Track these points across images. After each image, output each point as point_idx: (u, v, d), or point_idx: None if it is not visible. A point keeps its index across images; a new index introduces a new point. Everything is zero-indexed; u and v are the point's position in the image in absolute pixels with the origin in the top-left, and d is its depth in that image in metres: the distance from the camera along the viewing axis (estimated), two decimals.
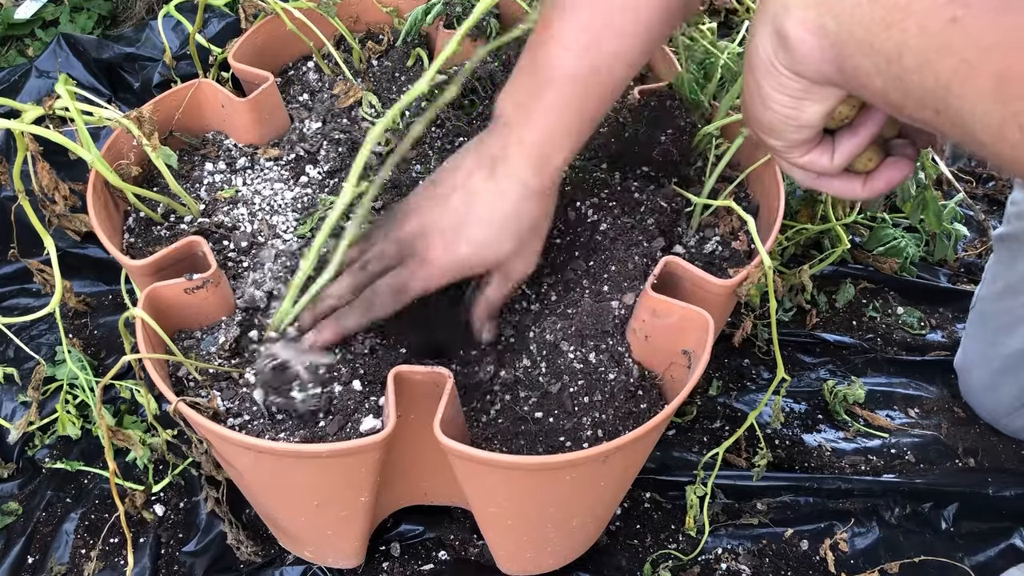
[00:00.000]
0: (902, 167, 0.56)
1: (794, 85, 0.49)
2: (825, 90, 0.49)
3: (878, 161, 0.57)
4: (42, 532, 1.01)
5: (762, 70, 0.50)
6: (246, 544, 0.92)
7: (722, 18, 1.55)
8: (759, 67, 0.50)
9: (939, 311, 1.30)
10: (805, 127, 0.52)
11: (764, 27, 0.48)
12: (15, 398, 1.11)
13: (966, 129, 0.41)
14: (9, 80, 1.42)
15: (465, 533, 1.00)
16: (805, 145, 0.54)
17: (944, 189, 1.38)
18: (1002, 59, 0.37)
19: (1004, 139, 0.39)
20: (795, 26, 0.46)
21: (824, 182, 0.57)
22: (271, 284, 0.83)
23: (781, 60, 0.48)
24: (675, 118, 0.94)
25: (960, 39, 0.38)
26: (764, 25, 0.48)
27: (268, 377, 0.74)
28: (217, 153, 0.97)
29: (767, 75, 0.50)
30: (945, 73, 0.39)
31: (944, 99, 0.40)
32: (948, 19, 0.38)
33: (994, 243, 1.07)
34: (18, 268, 1.25)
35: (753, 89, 0.52)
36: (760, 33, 0.49)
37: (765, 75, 0.50)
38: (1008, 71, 0.37)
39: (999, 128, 0.39)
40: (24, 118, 0.74)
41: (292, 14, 1.04)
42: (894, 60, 0.42)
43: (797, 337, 1.23)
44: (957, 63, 0.39)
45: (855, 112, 0.53)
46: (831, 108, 0.51)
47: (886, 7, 0.41)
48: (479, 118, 1.01)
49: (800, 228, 1.13)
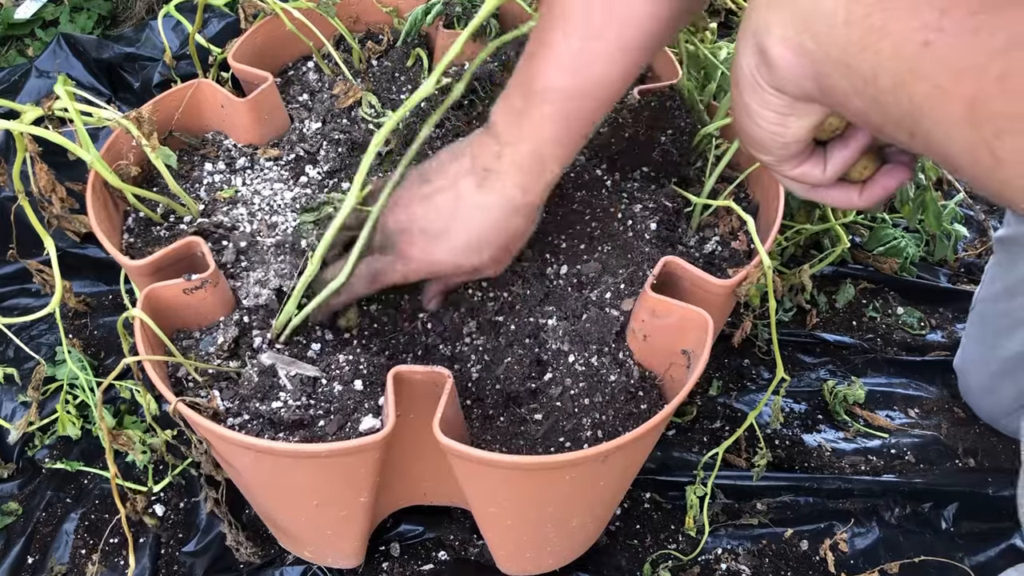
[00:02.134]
0: (898, 174, 0.56)
1: (777, 101, 0.49)
2: (809, 106, 0.49)
3: (874, 169, 0.56)
4: (42, 532, 1.01)
5: (746, 86, 0.50)
6: (245, 545, 0.92)
7: (722, 18, 1.55)
8: (744, 83, 0.50)
9: (939, 311, 1.30)
10: (792, 142, 0.52)
11: (746, 43, 0.48)
12: (15, 398, 1.11)
13: (941, 152, 0.40)
14: (9, 80, 1.42)
15: (465, 533, 1.00)
16: (795, 159, 0.54)
17: (944, 189, 1.38)
18: (974, 83, 0.37)
19: (978, 163, 0.39)
20: (775, 44, 0.45)
21: (820, 193, 0.57)
22: (276, 281, 0.82)
23: (763, 77, 0.48)
24: (675, 118, 0.94)
25: (932, 63, 0.38)
26: (746, 41, 0.48)
27: (254, 384, 0.75)
28: (217, 153, 0.97)
29: (752, 92, 0.50)
30: (919, 96, 0.39)
31: (919, 121, 0.40)
32: (921, 43, 0.38)
33: (994, 244, 1.07)
34: (18, 268, 1.25)
35: (740, 105, 0.52)
36: (743, 49, 0.49)
37: (750, 92, 0.50)
38: (979, 96, 0.37)
39: (972, 152, 0.38)
40: (23, 119, 0.74)
41: (292, 14, 1.04)
42: (870, 81, 0.41)
43: (797, 337, 1.23)
44: (930, 87, 0.38)
45: (845, 123, 0.53)
46: (817, 123, 0.50)
47: (862, 28, 0.41)
48: (479, 119, 1.01)
49: (800, 228, 1.13)
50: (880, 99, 0.41)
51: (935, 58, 0.38)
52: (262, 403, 0.74)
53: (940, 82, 0.38)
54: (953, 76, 0.38)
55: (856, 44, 0.41)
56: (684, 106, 0.94)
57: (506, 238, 0.76)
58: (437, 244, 0.75)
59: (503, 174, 0.73)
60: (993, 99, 0.37)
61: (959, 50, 0.37)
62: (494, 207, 0.74)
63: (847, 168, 0.55)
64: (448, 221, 0.75)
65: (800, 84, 0.46)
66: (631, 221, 0.89)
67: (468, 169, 0.75)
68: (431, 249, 0.76)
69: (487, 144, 0.74)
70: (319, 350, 0.80)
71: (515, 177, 0.73)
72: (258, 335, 0.80)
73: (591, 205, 0.91)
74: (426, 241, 0.76)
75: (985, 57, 0.36)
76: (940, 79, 0.38)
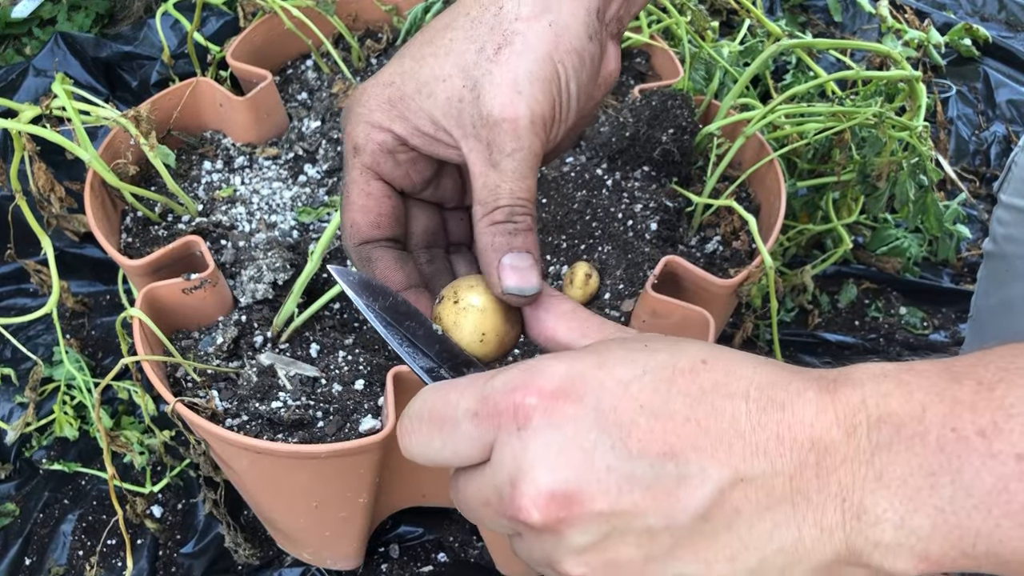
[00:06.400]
0: None
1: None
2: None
3: None
4: (39, 533, 1.00)
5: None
6: (244, 546, 0.91)
7: (723, 18, 1.54)
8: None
9: (942, 311, 1.29)
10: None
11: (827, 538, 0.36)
12: (12, 399, 1.11)
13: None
14: (6, 79, 1.41)
15: (464, 535, 0.99)
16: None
17: (948, 189, 1.38)
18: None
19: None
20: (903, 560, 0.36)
21: None
22: (270, 276, 0.81)
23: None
24: (676, 117, 0.93)
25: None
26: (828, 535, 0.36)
27: (253, 384, 0.74)
28: (215, 152, 0.97)
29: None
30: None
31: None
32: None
33: (984, 255, 1.05)
34: (15, 268, 1.24)
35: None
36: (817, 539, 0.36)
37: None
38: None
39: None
40: (21, 117, 0.73)
41: (291, 12, 1.03)
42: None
43: (799, 337, 1.22)
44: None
45: None
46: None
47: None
48: None
49: (802, 228, 1.13)
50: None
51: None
52: (261, 403, 0.74)
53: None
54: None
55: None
56: (685, 104, 0.94)
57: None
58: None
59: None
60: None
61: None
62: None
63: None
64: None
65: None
66: (632, 221, 0.89)
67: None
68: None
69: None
70: (319, 350, 0.80)
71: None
72: (258, 335, 0.79)
73: (591, 205, 0.91)
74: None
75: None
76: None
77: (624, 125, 0.95)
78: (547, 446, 0.37)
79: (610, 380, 0.38)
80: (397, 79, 0.49)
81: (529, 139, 0.46)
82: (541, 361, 0.40)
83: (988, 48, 1.61)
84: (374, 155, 0.49)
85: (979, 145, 1.49)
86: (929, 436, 0.35)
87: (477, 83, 0.46)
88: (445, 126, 0.47)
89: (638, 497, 0.36)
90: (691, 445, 0.36)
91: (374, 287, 0.48)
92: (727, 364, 0.39)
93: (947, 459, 0.35)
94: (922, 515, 0.35)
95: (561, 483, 0.37)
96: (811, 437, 0.36)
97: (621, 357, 0.39)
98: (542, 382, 0.38)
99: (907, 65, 0.91)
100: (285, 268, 0.81)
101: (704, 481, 0.36)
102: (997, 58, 1.61)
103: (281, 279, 0.81)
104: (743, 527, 0.36)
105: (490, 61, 0.46)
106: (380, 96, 0.49)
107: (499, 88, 0.45)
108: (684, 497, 0.36)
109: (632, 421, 0.37)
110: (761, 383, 0.38)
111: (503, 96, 0.45)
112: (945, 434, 0.35)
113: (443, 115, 0.47)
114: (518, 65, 0.46)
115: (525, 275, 0.45)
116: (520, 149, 0.46)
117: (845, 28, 1.66)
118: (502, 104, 0.45)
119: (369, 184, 0.50)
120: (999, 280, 1.00)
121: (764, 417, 0.37)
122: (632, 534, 0.37)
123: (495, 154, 0.46)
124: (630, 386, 0.38)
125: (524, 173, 0.46)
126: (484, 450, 0.40)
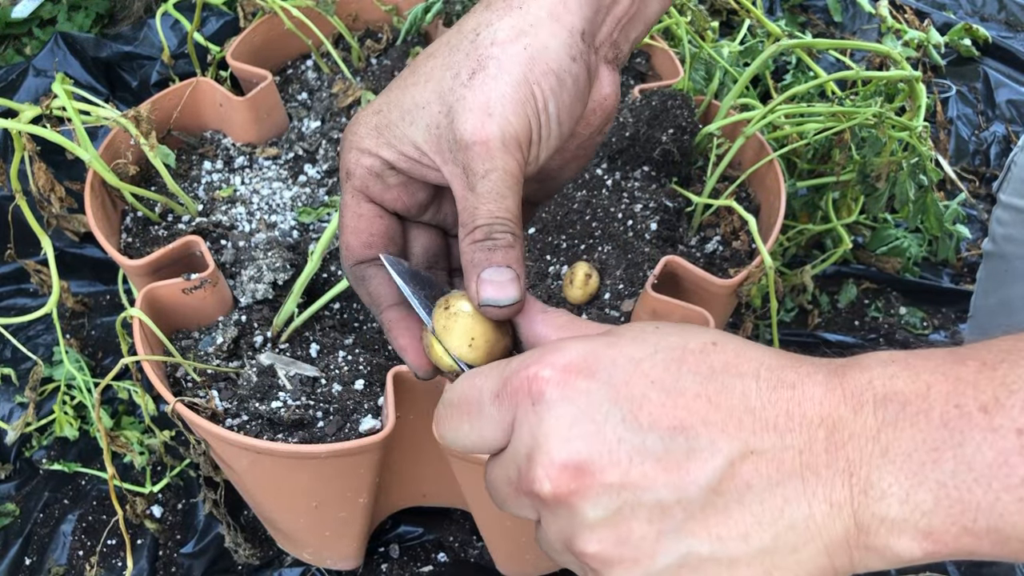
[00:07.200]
0: None
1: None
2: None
3: None
4: (40, 533, 1.00)
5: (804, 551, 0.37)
6: (244, 546, 0.91)
7: (723, 18, 1.54)
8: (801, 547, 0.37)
9: (942, 311, 1.29)
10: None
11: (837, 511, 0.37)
12: (12, 399, 1.11)
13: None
14: (6, 79, 1.41)
15: (464, 535, 0.99)
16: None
17: (948, 189, 1.38)
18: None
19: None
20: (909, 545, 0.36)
21: None
22: (270, 275, 0.81)
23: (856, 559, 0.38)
24: (676, 117, 0.93)
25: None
26: (838, 509, 0.37)
27: (253, 384, 0.74)
28: (215, 152, 0.97)
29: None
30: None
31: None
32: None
33: (983, 255, 1.05)
34: (15, 268, 1.24)
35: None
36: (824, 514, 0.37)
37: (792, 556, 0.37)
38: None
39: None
40: (21, 117, 0.73)
41: (291, 12, 1.03)
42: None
43: (799, 337, 1.22)
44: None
45: None
46: None
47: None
48: None
49: (802, 228, 1.13)
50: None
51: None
52: (261, 403, 0.74)
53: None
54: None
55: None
56: (685, 104, 0.94)
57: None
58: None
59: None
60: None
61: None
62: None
63: None
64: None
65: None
66: (632, 221, 0.89)
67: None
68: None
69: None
70: (319, 350, 0.80)
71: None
72: (258, 335, 0.79)
73: (591, 205, 0.91)
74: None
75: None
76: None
77: (624, 125, 0.95)
78: (560, 419, 0.38)
79: (622, 357, 0.39)
80: (384, 107, 0.50)
81: (503, 159, 0.46)
82: (557, 342, 0.41)
83: (988, 48, 1.61)
84: (363, 179, 0.50)
85: (979, 145, 1.49)
86: (933, 412, 0.36)
87: (452, 108, 0.47)
88: (427, 152, 0.48)
89: (649, 469, 0.37)
90: (701, 419, 0.37)
91: (422, 278, 0.49)
92: (737, 347, 0.40)
93: (950, 434, 0.35)
94: (925, 489, 0.35)
95: (573, 454, 0.38)
96: (820, 414, 0.37)
97: (633, 337, 0.40)
98: (555, 357, 0.40)
99: (907, 65, 0.91)
100: (285, 268, 0.81)
101: (714, 454, 0.37)
102: (997, 58, 1.61)
103: (281, 279, 0.81)
104: (755, 502, 0.37)
105: (464, 86, 0.46)
106: (368, 124, 0.50)
107: (471, 112, 0.46)
108: (694, 469, 0.37)
109: (643, 395, 0.38)
110: (771, 364, 0.39)
111: (474, 119, 0.46)
112: (948, 410, 0.36)
113: (424, 141, 0.48)
114: (492, 88, 0.46)
115: (502, 287, 0.46)
116: (494, 170, 0.46)
117: (845, 28, 1.66)
118: (473, 127, 0.46)
119: (360, 206, 0.51)
120: (999, 280, 1.00)
121: (774, 395, 0.38)
122: (644, 508, 0.37)
123: (471, 177, 0.46)
124: (642, 363, 0.39)
125: (502, 192, 0.46)
126: (507, 431, 0.41)
